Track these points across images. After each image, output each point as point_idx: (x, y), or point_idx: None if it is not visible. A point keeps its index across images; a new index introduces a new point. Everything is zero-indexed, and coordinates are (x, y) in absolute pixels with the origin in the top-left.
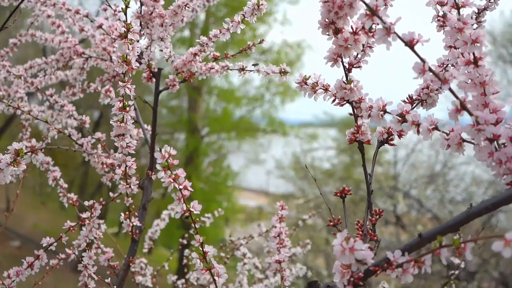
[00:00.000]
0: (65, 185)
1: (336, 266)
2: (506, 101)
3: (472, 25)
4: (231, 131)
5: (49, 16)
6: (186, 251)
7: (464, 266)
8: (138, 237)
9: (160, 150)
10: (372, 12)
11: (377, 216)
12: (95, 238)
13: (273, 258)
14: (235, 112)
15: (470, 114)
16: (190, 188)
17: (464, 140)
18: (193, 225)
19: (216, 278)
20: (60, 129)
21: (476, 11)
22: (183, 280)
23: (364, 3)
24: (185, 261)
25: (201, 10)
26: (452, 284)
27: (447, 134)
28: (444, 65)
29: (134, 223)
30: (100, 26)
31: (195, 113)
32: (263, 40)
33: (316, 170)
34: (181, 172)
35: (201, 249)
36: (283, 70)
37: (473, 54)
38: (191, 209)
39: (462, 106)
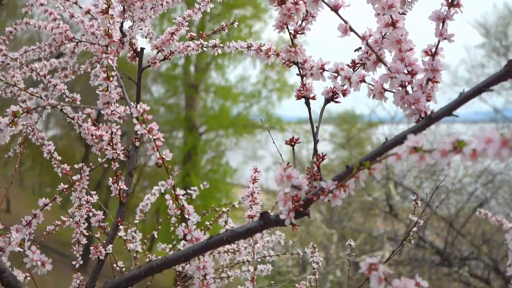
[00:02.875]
0: (59, 158)
1: (279, 195)
2: (500, 94)
3: None
4: (229, 128)
5: (42, 4)
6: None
7: (457, 253)
8: (125, 200)
9: (136, 107)
10: None
11: (321, 160)
12: (86, 202)
13: (245, 214)
14: (233, 109)
15: (385, 65)
16: (162, 139)
17: (385, 90)
18: (166, 172)
19: (187, 216)
20: (53, 104)
21: None
22: (170, 245)
23: None
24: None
25: None
26: (411, 240)
27: (372, 86)
28: (383, 34)
29: (121, 187)
30: (88, 12)
31: (192, 111)
32: (234, 21)
33: None
34: (154, 125)
35: (173, 192)
36: (249, 45)
37: (391, 17)
38: (163, 156)
39: (378, 59)
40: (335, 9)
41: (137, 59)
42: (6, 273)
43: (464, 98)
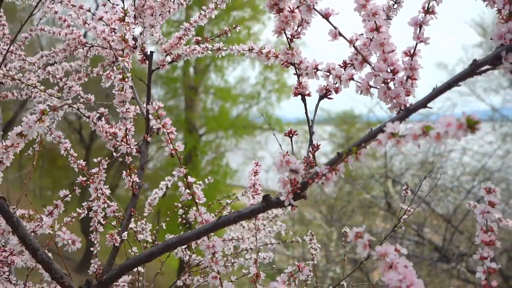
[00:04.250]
0: (75, 154)
1: (280, 179)
2: (497, 93)
3: (393, 5)
4: (229, 129)
5: (56, 12)
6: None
7: (455, 249)
8: (137, 191)
9: (151, 103)
10: None
11: (316, 149)
12: (101, 194)
13: (249, 203)
14: (232, 110)
15: (370, 64)
16: (174, 132)
17: (370, 86)
18: (178, 161)
19: (197, 201)
20: (71, 104)
21: None
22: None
23: None
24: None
25: (187, 2)
26: (402, 226)
27: (360, 83)
28: (370, 38)
29: (134, 180)
30: (100, 18)
31: (192, 113)
32: (237, 25)
33: None
34: (168, 120)
35: (185, 179)
36: (251, 48)
37: (375, 23)
38: (176, 147)
39: (364, 60)
40: (326, 16)
41: (147, 61)
42: (40, 251)
43: (437, 92)
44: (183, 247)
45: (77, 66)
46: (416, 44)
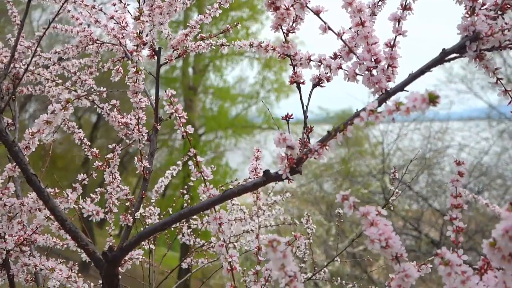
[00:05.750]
0: (89, 143)
1: (277, 155)
2: (495, 90)
3: (378, 2)
4: (228, 129)
5: (69, 11)
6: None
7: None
8: (148, 176)
9: (165, 91)
10: None
11: (310, 130)
12: (114, 178)
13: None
14: (231, 110)
15: (355, 54)
16: (185, 117)
17: (356, 74)
18: (189, 143)
19: (205, 178)
20: (86, 95)
21: None
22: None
23: None
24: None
25: (190, 2)
26: (391, 206)
27: (347, 71)
28: (356, 32)
29: (145, 165)
30: (112, 17)
31: (191, 113)
32: (238, 23)
33: (313, 164)
34: (179, 106)
35: (195, 159)
36: (251, 43)
37: (360, 18)
38: (187, 130)
39: (350, 50)
40: (316, 13)
41: (156, 57)
42: (68, 222)
43: (412, 77)
44: (188, 231)
45: (89, 62)
46: (396, 36)
